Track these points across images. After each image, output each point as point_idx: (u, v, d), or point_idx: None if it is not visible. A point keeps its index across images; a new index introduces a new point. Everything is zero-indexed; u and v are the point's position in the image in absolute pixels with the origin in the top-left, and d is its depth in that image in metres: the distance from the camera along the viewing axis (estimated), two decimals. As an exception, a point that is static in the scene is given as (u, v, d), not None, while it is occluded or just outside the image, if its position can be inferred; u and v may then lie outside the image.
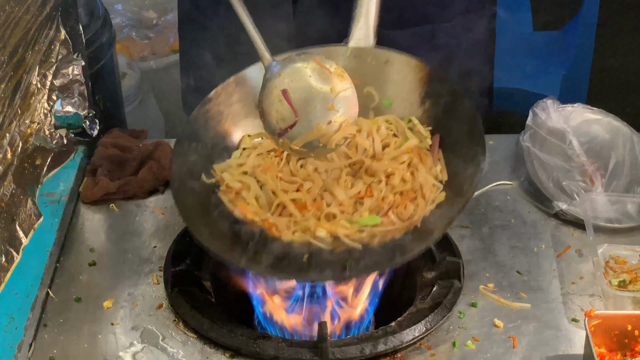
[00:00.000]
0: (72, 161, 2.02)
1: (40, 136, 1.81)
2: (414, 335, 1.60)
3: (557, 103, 2.03)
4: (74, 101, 1.95)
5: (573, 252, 1.82)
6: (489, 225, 1.88)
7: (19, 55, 1.68)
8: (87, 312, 1.69)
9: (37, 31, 1.76)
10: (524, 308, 1.69)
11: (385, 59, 1.75)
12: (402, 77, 1.74)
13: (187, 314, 1.65)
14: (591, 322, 1.53)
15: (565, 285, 1.74)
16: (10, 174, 1.64)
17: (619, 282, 1.71)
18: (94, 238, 1.88)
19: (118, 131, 2.12)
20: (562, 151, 1.95)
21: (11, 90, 1.65)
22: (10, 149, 1.65)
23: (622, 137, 1.97)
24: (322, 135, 1.55)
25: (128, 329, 1.65)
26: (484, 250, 1.82)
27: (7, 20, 1.62)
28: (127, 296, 1.72)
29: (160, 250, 1.82)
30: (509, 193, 1.97)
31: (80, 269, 1.79)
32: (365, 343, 1.57)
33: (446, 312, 1.64)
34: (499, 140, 2.12)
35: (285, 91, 1.56)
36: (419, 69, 1.73)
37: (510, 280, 1.75)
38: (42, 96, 1.81)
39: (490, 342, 1.62)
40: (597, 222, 1.81)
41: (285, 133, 1.57)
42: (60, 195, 1.92)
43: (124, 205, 1.95)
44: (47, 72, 1.83)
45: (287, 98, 1.56)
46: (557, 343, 1.62)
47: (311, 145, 1.57)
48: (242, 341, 1.59)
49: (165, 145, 2.05)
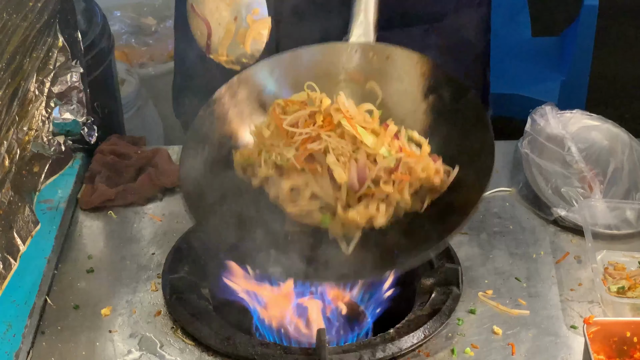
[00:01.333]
0: (71, 168, 2.01)
1: (38, 143, 1.80)
2: (413, 342, 1.60)
3: (556, 109, 2.03)
4: (73, 108, 1.95)
5: (572, 258, 1.82)
6: (488, 231, 1.88)
7: (17, 62, 1.67)
8: (85, 319, 1.69)
9: (35, 38, 1.76)
10: (522, 315, 1.68)
11: (387, 55, 1.74)
12: (405, 72, 1.73)
13: (185, 321, 1.65)
14: (590, 329, 1.52)
15: (564, 292, 1.73)
16: (8, 181, 1.64)
17: (617, 289, 1.70)
18: (92, 245, 1.88)
19: (116, 138, 2.12)
20: (560, 157, 1.95)
21: (9, 98, 1.65)
22: (8, 156, 1.65)
23: (621, 144, 1.97)
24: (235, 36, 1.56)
25: (126, 336, 1.65)
26: (483, 256, 1.82)
27: (4, 27, 1.62)
28: (125, 303, 1.72)
29: (159, 257, 1.82)
30: (507, 199, 1.97)
31: (78, 276, 1.79)
32: (364, 350, 1.57)
33: (445, 319, 1.64)
34: (497, 147, 2.07)
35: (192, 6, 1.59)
36: (422, 64, 1.72)
37: (509, 286, 1.75)
38: (40, 103, 1.81)
39: (489, 349, 1.62)
40: (596, 229, 1.81)
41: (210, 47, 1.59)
42: (58, 202, 1.92)
43: (122, 212, 1.95)
44: (45, 79, 1.83)
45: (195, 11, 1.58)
46: (556, 350, 1.61)
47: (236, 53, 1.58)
48: (240, 348, 1.58)
49: (163, 152, 2.05)
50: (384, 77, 1.74)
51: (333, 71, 1.75)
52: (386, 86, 1.74)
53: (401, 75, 1.73)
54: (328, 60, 1.75)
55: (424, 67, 1.72)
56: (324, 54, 1.75)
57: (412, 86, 1.73)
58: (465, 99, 1.67)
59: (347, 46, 1.74)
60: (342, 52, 1.74)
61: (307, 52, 1.75)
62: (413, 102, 1.72)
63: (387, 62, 1.74)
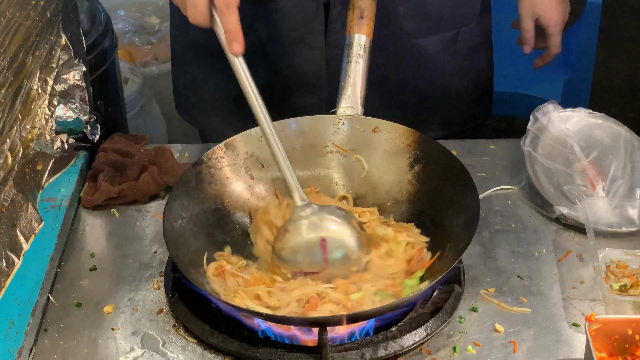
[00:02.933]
0: (73, 166, 2.02)
1: (41, 141, 1.81)
2: (415, 340, 1.60)
3: (558, 107, 2.02)
4: (75, 106, 1.96)
5: (574, 256, 1.82)
6: (490, 229, 1.88)
7: (20, 60, 1.68)
8: (87, 317, 1.69)
9: (38, 37, 1.76)
10: (524, 313, 1.68)
11: (373, 126, 1.82)
12: (391, 143, 1.82)
13: (187, 319, 1.65)
14: (592, 327, 1.52)
15: (566, 290, 1.73)
16: (11, 179, 1.65)
17: (619, 287, 1.70)
18: (94, 243, 1.88)
19: (119, 136, 2.13)
20: (563, 156, 1.95)
21: (12, 96, 1.65)
22: (11, 155, 1.65)
23: (624, 142, 1.97)
24: None
25: (128, 334, 1.65)
26: (485, 254, 1.82)
27: (7, 25, 1.62)
28: (127, 301, 1.72)
29: (161, 255, 1.82)
30: (509, 198, 1.97)
31: (81, 274, 1.79)
32: (366, 348, 1.57)
33: (447, 316, 1.64)
34: (499, 145, 2.12)
35: (324, 240, 1.64)
36: (407, 135, 1.81)
37: (510, 284, 1.75)
38: (43, 101, 1.81)
39: (491, 347, 1.62)
40: (598, 227, 1.80)
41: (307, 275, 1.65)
42: (61, 201, 1.92)
43: (125, 210, 1.96)
44: (48, 77, 1.84)
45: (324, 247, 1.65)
46: (557, 348, 1.61)
47: None
48: (242, 346, 1.59)
49: (166, 150, 2.05)
50: (370, 148, 1.83)
51: (320, 142, 1.85)
52: (372, 157, 1.84)
53: (388, 146, 1.82)
54: (316, 131, 1.85)
55: (410, 138, 1.81)
56: (312, 125, 1.85)
57: (399, 157, 1.82)
58: (452, 167, 1.75)
59: (335, 118, 1.83)
60: (330, 124, 1.83)
61: (295, 122, 1.84)
62: (399, 172, 1.82)
63: (374, 133, 1.83)
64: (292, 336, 1.62)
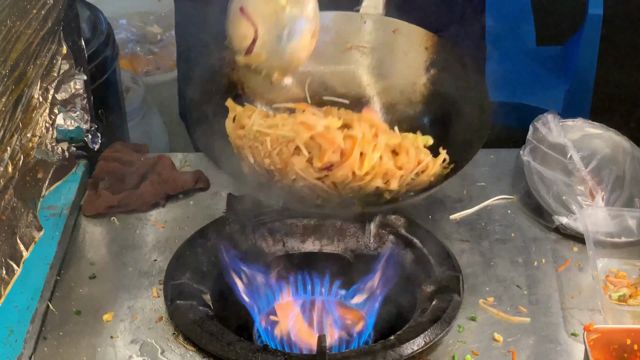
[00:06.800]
0: (74, 175, 2.02)
1: (41, 150, 1.81)
2: (413, 349, 1.59)
3: (558, 117, 2.03)
4: (76, 115, 1.96)
5: (573, 266, 1.82)
6: (489, 239, 1.88)
7: (21, 69, 1.68)
8: (86, 325, 1.69)
9: (39, 45, 1.77)
10: (523, 322, 1.68)
11: (394, 28, 1.84)
12: (410, 45, 1.84)
13: (186, 327, 1.65)
14: (590, 336, 1.52)
15: (565, 300, 1.73)
16: (11, 187, 1.65)
17: (618, 297, 1.71)
18: (94, 251, 1.88)
19: (120, 145, 2.13)
20: (562, 165, 1.95)
21: (12, 104, 1.65)
22: (11, 163, 1.65)
23: (623, 152, 1.97)
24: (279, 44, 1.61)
25: (127, 342, 1.66)
26: (484, 264, 1.82)
27: (8, 34, 1.63)
28: (126, 309, 1.72)
29: (161, 263, 1.83)
30: (509, 207, 1.97)
31: (81, 282, 1.80)
32: (364, 357, 1.57)
33: (446, 326, 1.64)
34: (499, 155, 2.12)
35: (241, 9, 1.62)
36: (427, 39, 1.84)
37: (510, 294, 1.75)
38: (43, 110, 1.82)
39: (490, 356, 1.62)
40: (598, 237, 1.81)
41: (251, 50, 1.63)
42: (62, 209, 1.93)
43: (125, 219, 1.96)
44: (49, 86, 1.84)
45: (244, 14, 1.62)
46: (556, 357, 1.61)
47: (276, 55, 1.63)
48: (241, 355, 1.58)
49: (166, 159, 2.05)
50: (389, 49, 1.86)
51: (341, 38, 1.87)
52: (390, 58, 1.86)
53: (406, 48, 1.85)
54: (338, 27, 1.86)
55: (429, 41, 1.83)
56: (335, 21, 1.86)
57: (416, 59, 1.84)
58: (467, 74, 1.77)
59: (357, 16, 1.85)
60: (352, 21, 1.85)
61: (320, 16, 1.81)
62: (415, 74, 1.84)
63: (394, 35, 1.85)
64: (290, 344, 1.62)
